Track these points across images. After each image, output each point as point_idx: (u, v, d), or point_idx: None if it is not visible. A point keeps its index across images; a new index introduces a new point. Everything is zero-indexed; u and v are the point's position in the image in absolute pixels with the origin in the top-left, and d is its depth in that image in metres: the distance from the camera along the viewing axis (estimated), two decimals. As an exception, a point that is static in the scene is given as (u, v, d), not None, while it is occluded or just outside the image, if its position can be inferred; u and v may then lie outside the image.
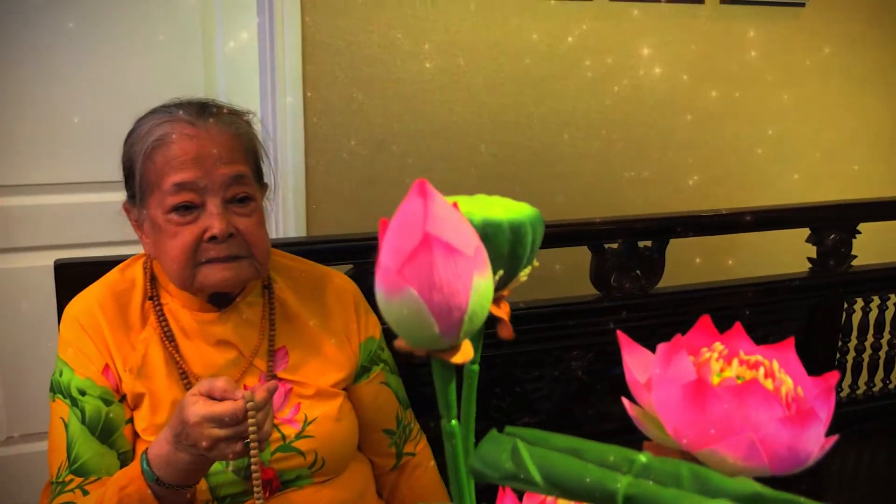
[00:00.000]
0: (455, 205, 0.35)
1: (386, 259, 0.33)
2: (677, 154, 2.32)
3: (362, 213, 2.07)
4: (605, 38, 2.19)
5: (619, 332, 0.40)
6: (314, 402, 1.12)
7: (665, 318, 1.66)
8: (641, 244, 1.65)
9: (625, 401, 0.39)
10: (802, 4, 2.31)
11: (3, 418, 1.97)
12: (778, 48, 2.36)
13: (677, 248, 1.69)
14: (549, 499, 0.52)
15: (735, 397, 0.36)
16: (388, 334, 1.36)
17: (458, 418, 0.38)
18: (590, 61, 2.18)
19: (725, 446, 0.36)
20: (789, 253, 1.87)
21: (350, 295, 1.23)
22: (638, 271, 1.64)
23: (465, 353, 0.35)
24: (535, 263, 0.44)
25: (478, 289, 0.34)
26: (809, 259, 1.80)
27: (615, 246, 1.63)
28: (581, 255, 1.63)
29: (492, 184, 2.11)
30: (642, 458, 0.31)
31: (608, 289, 1.63)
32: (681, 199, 2.30)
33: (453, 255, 0.32)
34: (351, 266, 1.44)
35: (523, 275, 0.41)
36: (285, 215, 2.02)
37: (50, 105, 1.86)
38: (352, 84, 2.01)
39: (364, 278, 1.45)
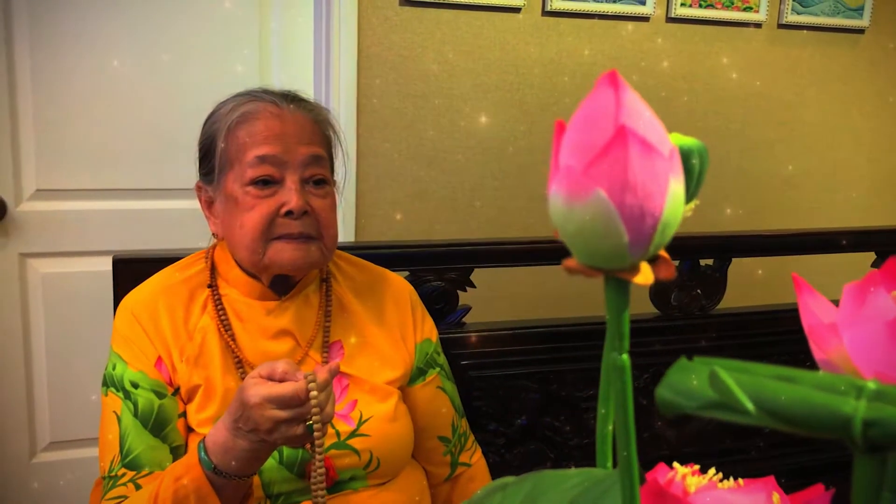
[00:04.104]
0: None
1: (568, 158, 0.30)
2: (729, 180, 2.28)
3: (411, 228, 2.04)
4: (661, 59, 2.16)
5: (794, 275, 0.36)
6: (370, 401, 1.09)
7: (725, 340, 1.60)
8: (703, 263, 1.60)
9: (812, 344, 0.35)
10: (862, 31, 2.27)
11: (46, 423, 1.95)
12: (835, 75, 2.31)
13: (739, 269, 1.64)
14: (680, 475, 0.47)
15: (954, 334, 0.31)
16: (444, 342, 1.33)
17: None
18: (644, 81, 2.15)
19: (941, 390, 0.31)
20: (855, 278, 1.81)
21: (406, 295, 1.21)
22: (699, 290, 1.59)
23: (646, 274, 0.31)
24: (697, 201, 0.40)
25: (673, 195, 0.30)
26: (875, 285, 1.74)
27: (676, 263, 1.58)
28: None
29: (544, 204, 2.07)
30: (871, 384, 0.27)
31: (667, 308, 1.58)
32: (734, 224, 2.25)
33: (650, 153, 0.29)
34: (407, 273, 1.42)
35: (687, 209, 0.38)
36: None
37: (106, 112, 1.87)
38: (405, 99, 2.00)
39: (420, 285, 1.42)
